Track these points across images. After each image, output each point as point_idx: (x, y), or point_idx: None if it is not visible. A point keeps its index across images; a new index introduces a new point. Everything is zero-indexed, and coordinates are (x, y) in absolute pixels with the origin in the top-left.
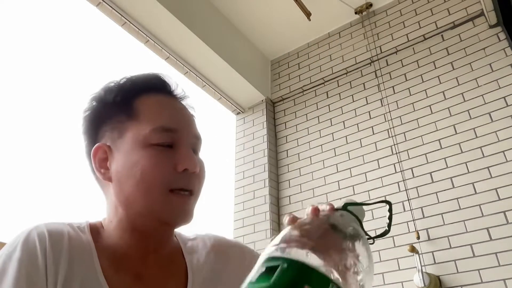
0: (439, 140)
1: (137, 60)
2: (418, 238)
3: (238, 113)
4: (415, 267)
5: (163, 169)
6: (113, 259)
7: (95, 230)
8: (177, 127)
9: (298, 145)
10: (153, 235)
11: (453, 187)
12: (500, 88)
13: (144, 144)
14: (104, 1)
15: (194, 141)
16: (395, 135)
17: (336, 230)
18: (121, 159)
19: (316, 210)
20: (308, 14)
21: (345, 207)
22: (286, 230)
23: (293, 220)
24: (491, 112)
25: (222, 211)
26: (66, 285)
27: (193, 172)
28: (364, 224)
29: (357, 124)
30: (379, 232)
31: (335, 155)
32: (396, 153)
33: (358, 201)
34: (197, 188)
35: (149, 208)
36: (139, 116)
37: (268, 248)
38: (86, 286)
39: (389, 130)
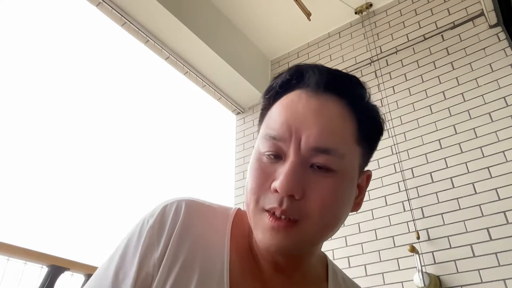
0: (439, 140)
1: (137, 60)
2: (418, 238)
3: (238, 113)
4: (415, 267)
5: (258, 185)
6: (244, 260)
7: (241, 220)
8: (284, 135)
9: None
10: (274, 254)
11: (453, 187)
12: (500, 88)
13: (257, 153)
14: (104, 1)
15: (311, 153)
16: (395, 135)
17: None
18: None
19: None
20: (308, 14)
21: None
22: None
23: None
24: (491, 112)
25: None
26: (187, 267)
27: (285, 195)
28: (364, 223)
29: None
30: (379, 231)
31: None
32: (396, 153)
33: None
34: (299, 216)
35: (250, 222)
36: (263, 122)
37: None
38: (207, 276)
39: (389, 130)
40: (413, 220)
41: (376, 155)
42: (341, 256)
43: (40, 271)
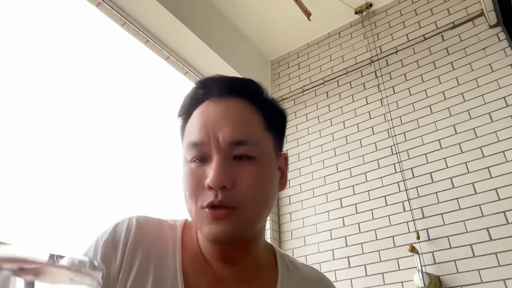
0: (439, 140)
1: (137, 60)
2: (418, 238)
3: None
4: (415, 267)
5: (194, 188)
6: (195, 261)
7: (189, 229)
8: (203, 139)
9: (298, 145)
10: (222, 245)
11: (453, 187)
12: (500, 88)
13: (185, 161)
14: (104, 1)
15: (231, 148)
16: (395, 135)
17: None
18: None
19: None
20: (308, 14)
21: None
22: None
23: None
24: (491, 112)
25: None
26: (140, 274)
27: (218, 188)
28: (364, 223)
29: (357, 124)
30: (379, 231)
31: (335, 155)
32: (396, 153)
33: None
34: (235, 203)
35: (195, 224)
36: (184, 135)
37: None
38: (161, 280)
39: (389, 130)
40: (413, 220)
41: (376, 155)
42: (341, 256)
43: None
